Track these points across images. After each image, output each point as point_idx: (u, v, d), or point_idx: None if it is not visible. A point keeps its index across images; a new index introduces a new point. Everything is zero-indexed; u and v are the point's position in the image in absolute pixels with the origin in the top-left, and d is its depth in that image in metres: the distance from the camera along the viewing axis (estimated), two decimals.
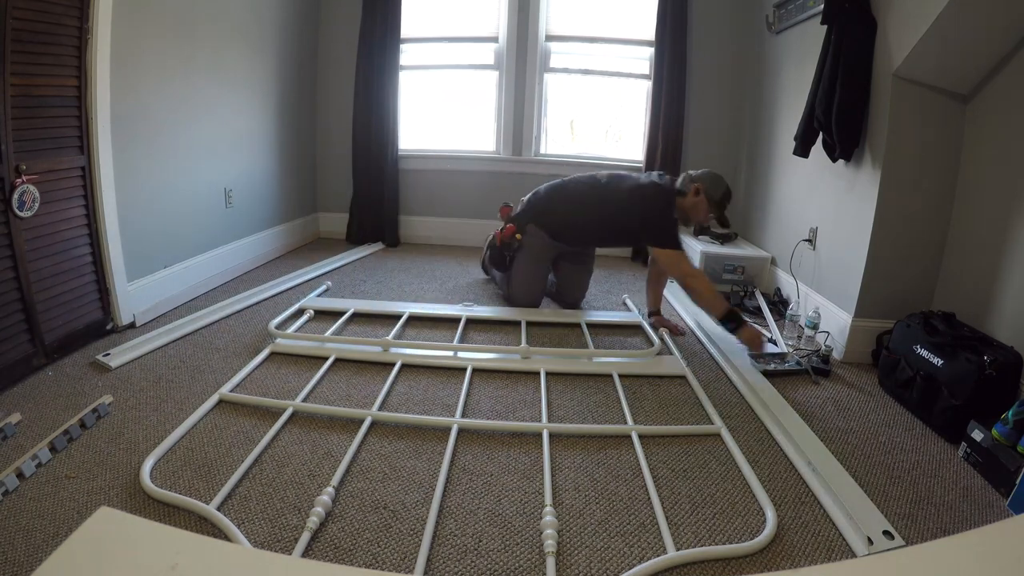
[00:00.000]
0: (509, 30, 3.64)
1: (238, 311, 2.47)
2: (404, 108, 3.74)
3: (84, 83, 1.93)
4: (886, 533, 1.24)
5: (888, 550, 1.19)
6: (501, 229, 2.61)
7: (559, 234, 2.54)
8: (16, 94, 1.69)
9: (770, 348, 2.25)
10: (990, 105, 1.91)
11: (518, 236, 2.56)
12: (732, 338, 2.22)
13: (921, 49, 1.86)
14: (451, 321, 2.45)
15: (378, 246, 3.79)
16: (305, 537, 1.16)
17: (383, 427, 1.62)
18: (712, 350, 2.25)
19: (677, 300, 2.88)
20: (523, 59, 3.67)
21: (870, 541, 1.20)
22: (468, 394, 1.82)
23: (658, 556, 1.16)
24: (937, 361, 1.74)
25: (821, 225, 2.49)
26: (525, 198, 2.67)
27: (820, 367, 2.07)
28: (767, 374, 2.02)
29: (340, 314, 2.44)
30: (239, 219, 3.01)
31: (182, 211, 2.54)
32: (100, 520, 0.60)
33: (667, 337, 2.33)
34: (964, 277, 2.01)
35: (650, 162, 3.57)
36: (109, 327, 2.14)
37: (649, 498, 1.35)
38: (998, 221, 1.86)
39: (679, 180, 2.40)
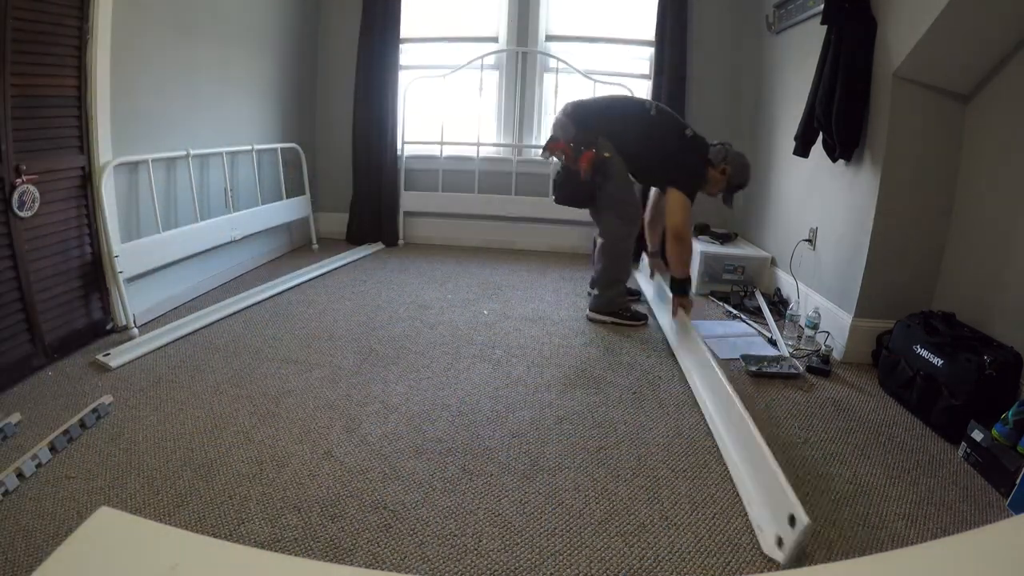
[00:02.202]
0: (509, 30, 3.64)
1: (238, 311, 2.47)
2: (404, 108, 3.74)
3: (84, 83, 1.93)
4: (790, 519, 1.14)
5: (885, 551, 1.18)
6: (573, 161, 2.39)
7: (625, 154, 2.41)
8: (16, 94, 1.69)
9: (711, 327, 2.40)
10: (990, 105, 1.91)
11: (606, 155, 2.35)
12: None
13: (921, 49, 1.86)
14: None
15: (378, 246, 3.79)
16: (305, 537, 1.16)
17: (383, 426, 1.62)
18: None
19: (645, 282, 2.95)
20: (523, 59, 3.66)
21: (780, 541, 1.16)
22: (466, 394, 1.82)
23: (658, 557, 1.16)
24: (937, 361, 1.74)
25: (821, 225, 2.49)
26: (561, 120, 2.43)
27: (820, 367, 2.07)
28: (757, 375, 2.02)
29: None
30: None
31: (182, 211, 2.53)
32: (100, 520, 0.60)
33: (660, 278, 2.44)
34: (964, 277, 2.01)
35: None
36: (109, 327, 2.14)
37: (649, 498, 1.35)
38: (998, 221, 1.86)
39: (714, 150, 2.39)
